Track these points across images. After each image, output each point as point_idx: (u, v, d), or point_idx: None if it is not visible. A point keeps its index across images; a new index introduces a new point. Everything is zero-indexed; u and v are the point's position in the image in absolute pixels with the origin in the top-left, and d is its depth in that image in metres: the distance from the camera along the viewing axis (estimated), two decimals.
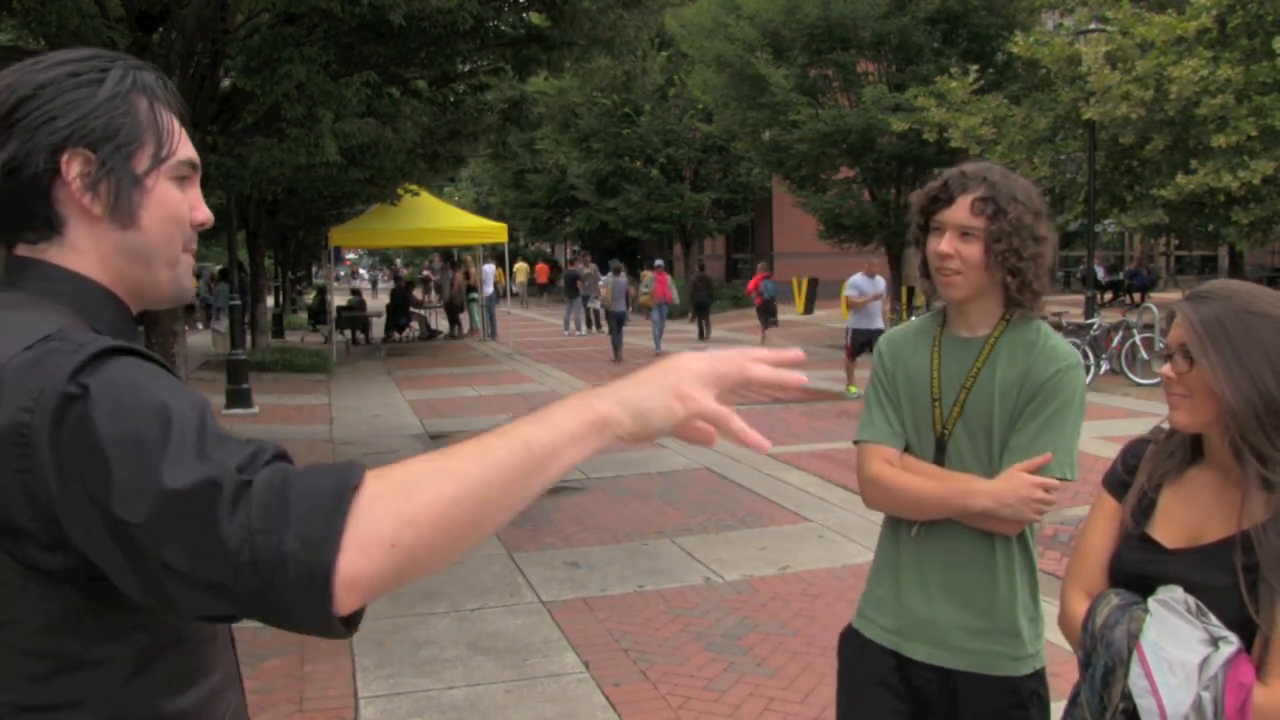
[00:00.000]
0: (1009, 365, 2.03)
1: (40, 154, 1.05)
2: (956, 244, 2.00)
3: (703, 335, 21.80)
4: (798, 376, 1.03)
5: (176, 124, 1.15)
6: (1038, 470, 1.95)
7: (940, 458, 2.06)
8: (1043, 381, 1.99)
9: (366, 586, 0.86)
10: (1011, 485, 1.95)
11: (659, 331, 18.62)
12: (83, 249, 1.10)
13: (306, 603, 0.85)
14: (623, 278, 18.72)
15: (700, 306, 21.67)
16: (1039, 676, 2.06)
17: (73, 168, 1.07)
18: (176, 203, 1.15)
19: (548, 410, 1.00)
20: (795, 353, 1.02)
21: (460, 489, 0.91)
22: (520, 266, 25.77)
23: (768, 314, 19.87)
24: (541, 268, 41.16)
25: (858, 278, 12.45)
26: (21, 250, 1.10)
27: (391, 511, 0.87)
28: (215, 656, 1.13)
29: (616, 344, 17.93)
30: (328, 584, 0.84)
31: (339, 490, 0.86)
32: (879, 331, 11.38)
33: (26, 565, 0.95)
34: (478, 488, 0.92)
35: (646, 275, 20.24)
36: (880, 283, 12.49)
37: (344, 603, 0.85)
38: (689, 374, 1.01)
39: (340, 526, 0.85)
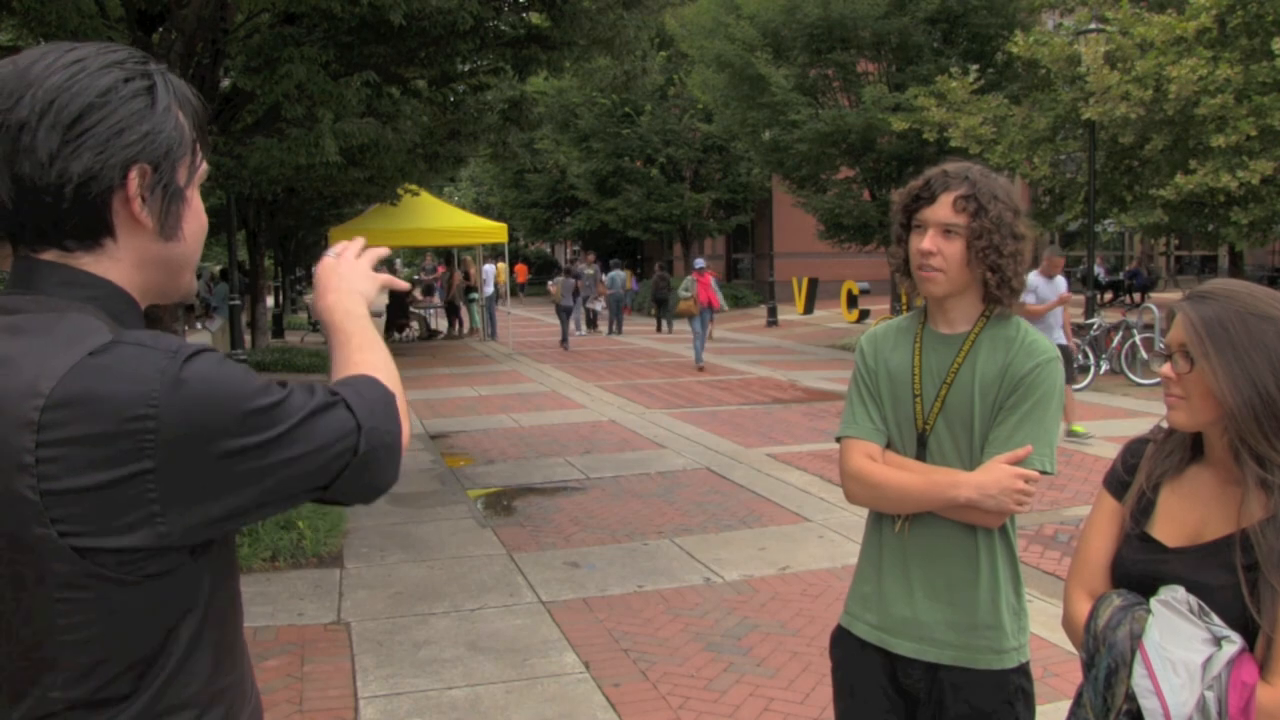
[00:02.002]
0: (989, 360, 2.05)
1: (115, 168, 1.07)
2: (939, 241, 2.03)
3: (660, 329, 24.46)
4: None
5: (199, 132, 1.19)
6: (1018, 462, 1.97)
7: (922, 453, 2.08)
8: (1022, 375, 2.01)
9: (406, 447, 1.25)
10: (994, 476, 1.96)
11: (701, 344, 16.03)
12: (120, 257, 1.12)
13: (392, 463, 1.19)
14: (570, 279, 22.20)
15: (660, 302, 24.40)
16: (1024, 671, 2.07)
17: (136, 182, 1.09)
18: (202, 212, 1.20)
19: (356, 320, 1.37)
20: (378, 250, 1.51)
21: (398, 384, 1.30)
22: (500, 267, 25.75)
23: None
24: (520, 268, 41.09)
25: (1033, 278, 9.11)
26: (49, 255, 1.09)
27: (401, 405, 1.26)
28: (242, 643, 1.21)
29: (564, 331, 21.33)
30: (402, 449, 1.22)
31: (392, 399, 1.23)
32: (1063, 348, 9.06)
33: (98, 567, 1.00)
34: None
35: (682, 278, 17.35)
36: (1062, 284, 9.35)
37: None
38: (368, 268, 1.45)
39: (399, 419, 1.22)
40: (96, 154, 1.05)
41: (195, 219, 1.17)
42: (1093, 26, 14.06)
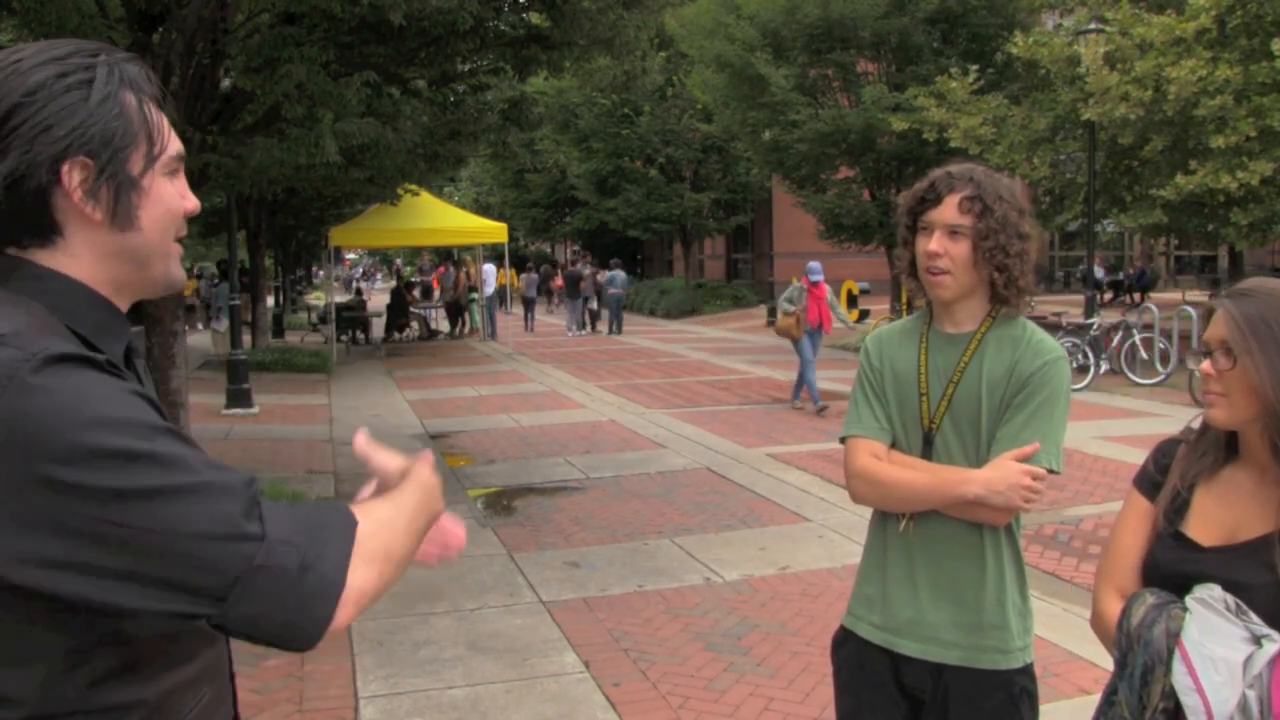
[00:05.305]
0: (996, 359, 2.05)
1: (42, 166, 1.05)
2: (945, 243, 2.04)
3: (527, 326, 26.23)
4: None
5: (163, 118, 1.15)
6: (1026, 459, 1.97)
7: (928, 452, 2.08)
8: (1030, 374, 2.02)
9: (361, 603, 1.05)
10: (1002, 473, 1.96)
11: (813, 374, 11.54)
12: (77, 253, 1.10)
13: (316, 604, 1.01)
14: (535, 275, 27.12)
15: (528, 301, 27.38)
16: (1028, 672, 2.07)
17: (74, 177, 1.07)
18: (171, 198, 1.15)
19: (422, 493, 1.21)
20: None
21: (408, 541, 1.15)
22: (501, 271, 25.79)
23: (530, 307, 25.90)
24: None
25: None
26: (11, 251, 1.10)
27: (380, 546, 1.08)
28: (186, 651, 1.12)
29: (529, 318, 26.02)
30: (337, 597, 1.02)
31: (348, 523, 1.06)
32: None
33: None
34: (413, 539, 1.17)
35: (791, 287, 11.94)
36: None
37: (342, 617, 1.03)
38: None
39: (349, 551, 1.04)
40: (22, 154, 1.04)
41: (157, 206, 1.13)
42: (1092, 27, 14.06)
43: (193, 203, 1.19)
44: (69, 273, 1.10)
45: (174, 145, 1.16)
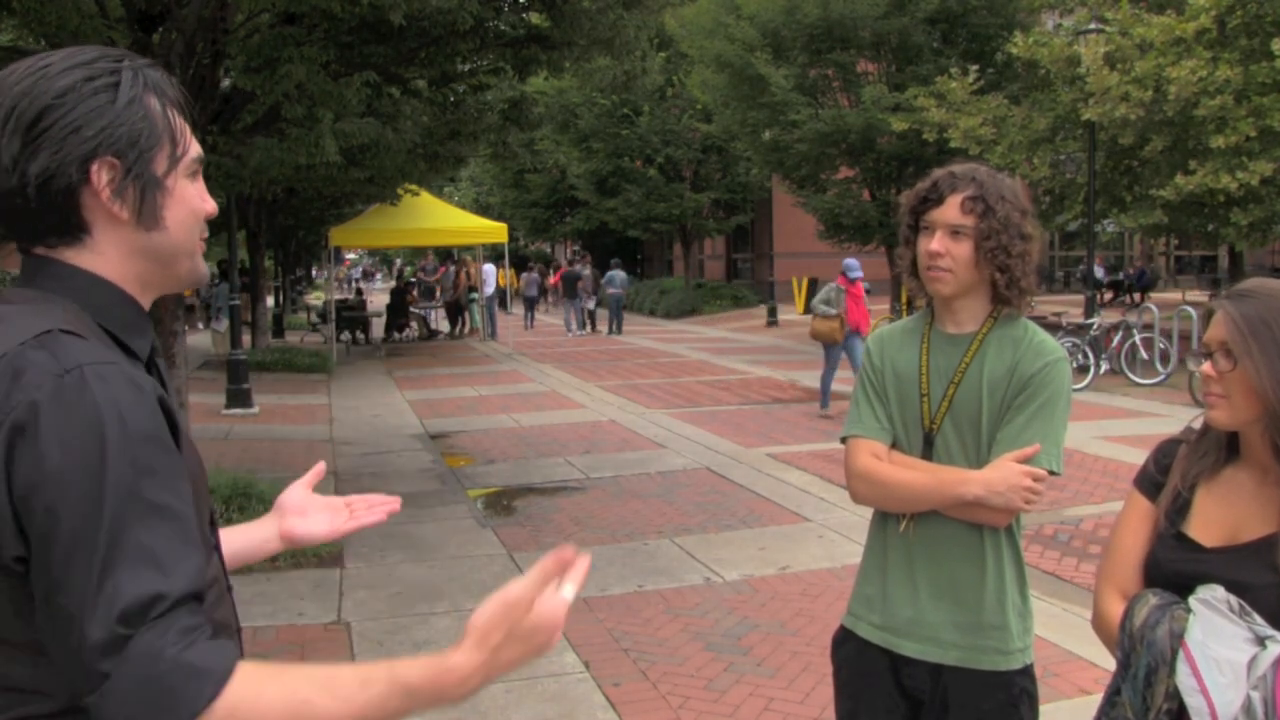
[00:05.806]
0: (997, 360, 2.05)
1: (72, 165, 1.08)
2: (947, 243, 2.03)
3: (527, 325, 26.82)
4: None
5: (184, 122, 1.19)
6: (1027, 460, 1.97)
7: (928, 453, 2.08)
8: (1031, 374, 2.02)
9: None
10: (1002, 473, 1.96)
11: (831, 380, 11.19)
12: (103, 251, 1.14)
13: None
14: (535, 274, 28.10)
15: (529, 302, 28.01)
16: (1028, 673, 2.07)
17: (102, 176, 1.10)
18: (193, 199, 1.19)
19: (409, 693, 1.05)
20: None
21: None
22: (502, 271, 25.84)
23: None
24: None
25: None
26: (40, 251, 1.14)
27: None
28: None
29: (529, 316, 26.84)
30: None
31: (193, 704, 0.95)
32: None
33: None
34: None
35: (826, 288, 11.29)
36: None
37: None
38: (552, 631, 1.12)
39: None
40: (53, 153, 1.08)
41: (181, 206, 1.17)
42: (1092, 27, 14.06)
43: (211, 205, 1.22)
44: (96, 270, 1.14)
45: (194, 148, 1.19)
